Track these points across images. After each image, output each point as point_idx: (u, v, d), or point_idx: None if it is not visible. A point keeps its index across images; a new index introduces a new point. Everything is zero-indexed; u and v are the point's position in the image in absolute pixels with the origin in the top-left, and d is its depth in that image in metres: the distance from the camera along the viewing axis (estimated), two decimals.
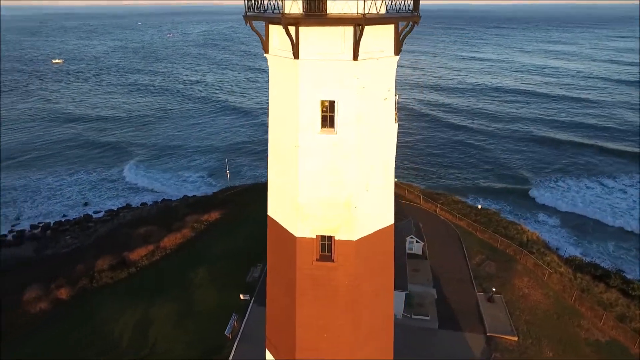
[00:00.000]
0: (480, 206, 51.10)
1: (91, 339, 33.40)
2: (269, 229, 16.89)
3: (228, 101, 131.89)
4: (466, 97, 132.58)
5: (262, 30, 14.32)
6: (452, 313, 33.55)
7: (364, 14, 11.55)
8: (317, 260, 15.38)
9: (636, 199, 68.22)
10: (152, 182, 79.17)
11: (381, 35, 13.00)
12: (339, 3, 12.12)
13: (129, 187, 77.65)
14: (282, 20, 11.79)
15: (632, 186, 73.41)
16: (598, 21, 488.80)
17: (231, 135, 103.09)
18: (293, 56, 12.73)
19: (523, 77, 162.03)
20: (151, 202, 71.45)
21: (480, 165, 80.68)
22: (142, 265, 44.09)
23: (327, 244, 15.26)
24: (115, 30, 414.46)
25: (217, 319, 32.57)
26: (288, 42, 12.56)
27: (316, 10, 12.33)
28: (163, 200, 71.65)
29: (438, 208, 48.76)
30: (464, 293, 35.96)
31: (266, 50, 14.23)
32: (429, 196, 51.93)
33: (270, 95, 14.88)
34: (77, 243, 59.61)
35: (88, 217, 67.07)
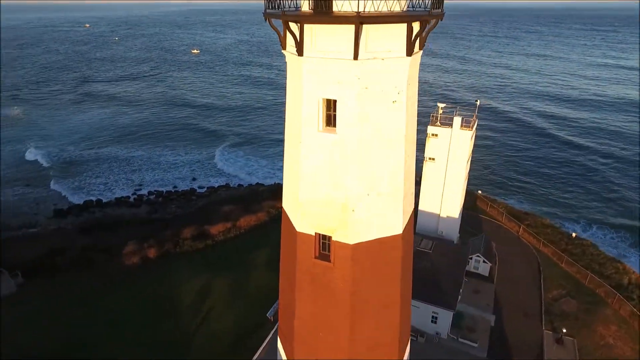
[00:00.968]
0: (574, 234, 44.54)
1: (160, 298, 37.93)
2: (282, 220, 17.37)
3: None
4: (580, 109, 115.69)
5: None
6: (508, 346, 30.29)
7: (358, 12, 11.20)
8: (316, 257, 15.39)
9: None
10: (251, 167, 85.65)
11: (389, 34, 12.39)
12: (344, 2, 11.91)
13: (231, 169, 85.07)
14: (282, 17, 12.03)
15: None
16: None
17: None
18: (297, 53, 12.90)
19: None
20: (246, 185, 77.37)
21: (584, 186, 70.12)
22: (218, 239, 48.32)
23: (327, 243, 15.19)
24: (243, 25, 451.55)
25: (265, 301, 34.34)
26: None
27: (322, 8, 12.31)
28: (257, 184, 77.01)
29: (521, 229, 43.95)
30: (528, 327, 32.12)
31: (283, 46, 14.58)
32: (514, 215, 47.05)
33: (287, 91, 15.26)
34: (179, 212, 67.48)
35: (193, 191, 75.44)
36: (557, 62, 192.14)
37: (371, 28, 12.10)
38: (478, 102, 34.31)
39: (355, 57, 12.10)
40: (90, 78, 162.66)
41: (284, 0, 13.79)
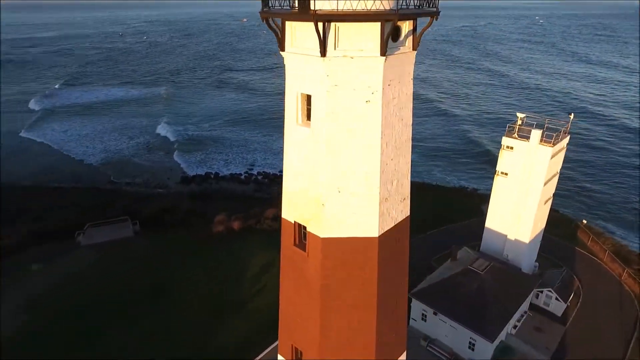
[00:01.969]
0: None
1: (230, 264, 42.58)
2: None
3: (449, 107, 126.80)
4: None
5: None
6: None
7: (314, 10, 11.52)
8: (295, 245, 16.13)
9: None
10: None
11: (361, 33, 12.34)
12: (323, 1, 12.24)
13: None
14: (260, 14, 12.97)
15: None
16: None
17: (436, 137, 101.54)
18: (279, 48, 13.73)
19: None
20: None
21: None
22: None
23: (304, 233, 15.77)
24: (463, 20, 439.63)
25: None
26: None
27: (303, 7, 12.87)
28: None
29: (625, 273, 36.66)
30: None
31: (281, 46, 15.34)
32: (621, 255, 39.38)
33: None
34: (277, 192, 72.98)
35: None
36: None
37: (341, 26, 12.26)
38: (572, 116, 29.64)
39: (322, 55, 12.42)
40: (229, 67, 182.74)
41: None
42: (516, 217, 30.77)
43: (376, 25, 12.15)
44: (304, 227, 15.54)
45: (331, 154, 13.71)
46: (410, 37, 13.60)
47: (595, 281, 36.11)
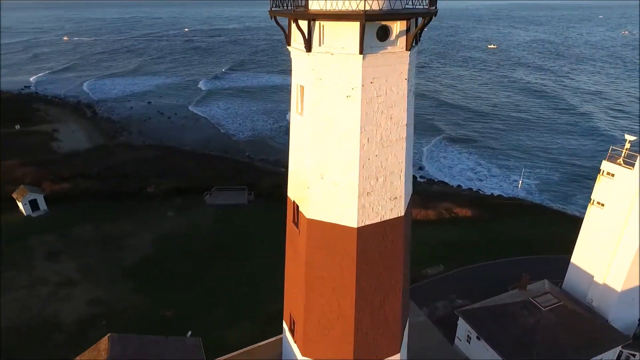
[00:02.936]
0: None
1: None
2: None
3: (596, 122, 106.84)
4: None
5: None
6: None
7: (293, 9, 12.98)
8: (292, 221, 17.87)
9: None
10: (479, 173, 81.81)
11: (342, 32, 13.26)
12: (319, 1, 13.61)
13: (463, 170, 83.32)
14: (270, 12, 14.95)
15: None
16: None
17: (569, 153, 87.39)
18: (286, 44, 15.55)
19: None
20: (464, 186, 74.90)
21: None
22: None
23: (298, 211, 17.36)
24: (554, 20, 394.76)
25: None
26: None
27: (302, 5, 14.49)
28: (458, 186, 74.11)
29: None
30: None
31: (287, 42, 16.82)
32: None
33: None
34: None
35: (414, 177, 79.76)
36: None
37: (326, 25, 13.44)
38: None
39: (307, 50, 13.82)
40: None
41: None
42: (608, 257, 25.90)
43: (356, 24, 12.95)
44: (297, 206, 17.13)
45: (315, 142, 14.97)
46: (403, 37, 13.82)
47: None
